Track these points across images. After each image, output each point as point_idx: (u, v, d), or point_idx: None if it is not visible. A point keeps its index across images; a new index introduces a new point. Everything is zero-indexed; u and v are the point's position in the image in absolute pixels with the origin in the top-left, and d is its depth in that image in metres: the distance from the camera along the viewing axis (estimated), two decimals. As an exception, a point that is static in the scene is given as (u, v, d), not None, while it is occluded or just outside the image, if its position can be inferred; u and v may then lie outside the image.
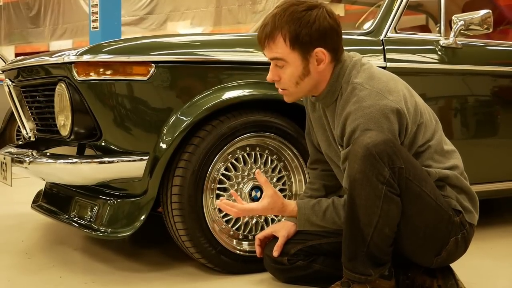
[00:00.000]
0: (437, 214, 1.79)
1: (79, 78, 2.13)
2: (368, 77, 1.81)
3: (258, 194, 2.26)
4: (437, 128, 1.91)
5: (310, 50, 1.81)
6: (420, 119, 1.84)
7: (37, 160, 2.27)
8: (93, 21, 7.09)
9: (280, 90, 1.91)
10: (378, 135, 1.70)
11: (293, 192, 2.35)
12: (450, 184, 1.87)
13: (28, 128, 2.68)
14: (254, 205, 1.98)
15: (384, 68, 2.50)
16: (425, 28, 3.66)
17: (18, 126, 4.45)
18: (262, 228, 2.29)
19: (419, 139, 1.84)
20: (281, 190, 2.33)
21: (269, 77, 1.88)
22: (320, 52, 1.81)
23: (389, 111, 1.74)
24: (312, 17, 1.78)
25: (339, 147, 1.87)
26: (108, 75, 2.12)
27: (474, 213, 1.90)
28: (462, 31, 2.66)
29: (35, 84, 2.51)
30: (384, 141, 1.70)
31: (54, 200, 2.72)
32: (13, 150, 2.58)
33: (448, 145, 1.93)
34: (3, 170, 2.55)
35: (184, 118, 2.15)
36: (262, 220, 2.30)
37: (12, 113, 4.41)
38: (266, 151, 2.30)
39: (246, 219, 2.27)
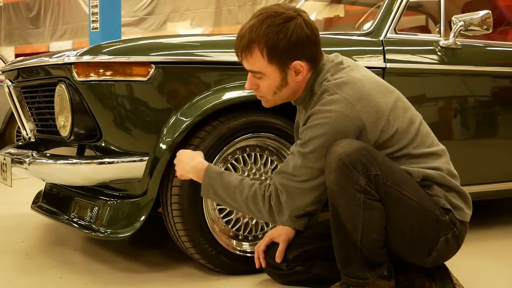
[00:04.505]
0: (421, 215, 1.78)
1: (79, 79, 2.13)
2: (341, 82, 1.78)
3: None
4: (417, 133, 1.85)
5: (288, 63, 1.80)
6: (392, 130, 1.79)
7: (37, 160, 2.27)
8: (93, 21, 7.09)
9: (258, 96, 1.91)
10: (351, 144, 1.69)
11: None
12: (437, 183, 1.84)
13: (28, 129, 2.68)
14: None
15: (383, 68, 2.50)
16: (425, 29, 3.66)
17: (18, 127, 4.45)
18: (262, 229, 2.30)
19: (393, 147, 1.80)
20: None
21: (247, 86, 1.88)
22: (298, 64, 1.80)
23: (348, 120, 1.72)
24: (289, 29, 1.76)
25: None
26: (108, 75, 2.13)
27: (465, 210, 1.87)
28: (461, 32, 2.66)
29: (35, 85, 2.51)
30: (357, 149, 1.69)
31: (54, 200, 2.72)
32: (13, 150, 2.58)
33: (432, 147, 1.88)
34: (3, 170, 2.55)
35: (184, 119, 2.15)
36: (262, 221, 2.30)
37: (12, 114, 4.42)
38: (266, 152, 2.30)
39: (246, 219, 2.27)
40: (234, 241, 2.26)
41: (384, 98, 1.80)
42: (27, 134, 2.68)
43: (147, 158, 2.15)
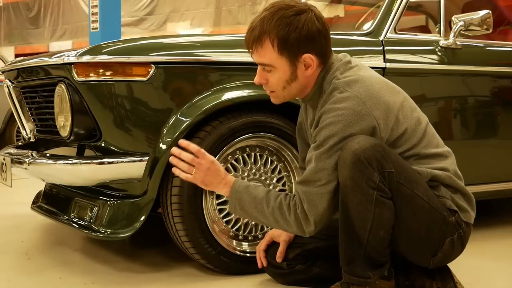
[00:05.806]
0: (430, 215, 1.78)
1: (78, 79, 2.13)
2: (350, 80, 1.78)
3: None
4: (425, 133, 1.86)
5: (298, 55, 1.80)
6: (401, 128, 1.80)
7: (37, 161, 2.27)
8: (93, 22, 7.10)
9: (268, 91, 1.91)
10: (366, 140, 1.69)
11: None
12: (444, 184, 1.84)
13: (28, 129, 2.68)
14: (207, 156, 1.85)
15: (383, 68, 2.50)
16: (424, 29, 3.67)
17: (18, 127, 4.45)
18: (262, 229, 2.30)
19: (402, 146, 1.81)
20: (281, 191, 2.32)
21: (256, 80, 1.87)
22: (308, 57, 1.80)
23: (361, 117, 1.72)
24: (300, 22, 1.76)
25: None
26: (107, 75, 2.13)
27: (470, 212, 1.88)
28: (461, 32, 2.66)
29: (35, 85, 2.51)
30: (372, 146, 1.69)
31: (54, 201, 2.71)
32: (13, 151, 2.58)
33: (438, 148, 1.89)
34: (3, 171, 2.55)
35: (184, 119, 2.15)
36: (262, 221, 2.30)
37: (12, 114, 4.41)
38: (266, 152, 2.30)
39: (246, 219, 2.27)
40: (234, 241, 2.26)
41: (392, 97, 1.81)
42: (27, 134, 2.68)
43: (147, 158, 2.14)
